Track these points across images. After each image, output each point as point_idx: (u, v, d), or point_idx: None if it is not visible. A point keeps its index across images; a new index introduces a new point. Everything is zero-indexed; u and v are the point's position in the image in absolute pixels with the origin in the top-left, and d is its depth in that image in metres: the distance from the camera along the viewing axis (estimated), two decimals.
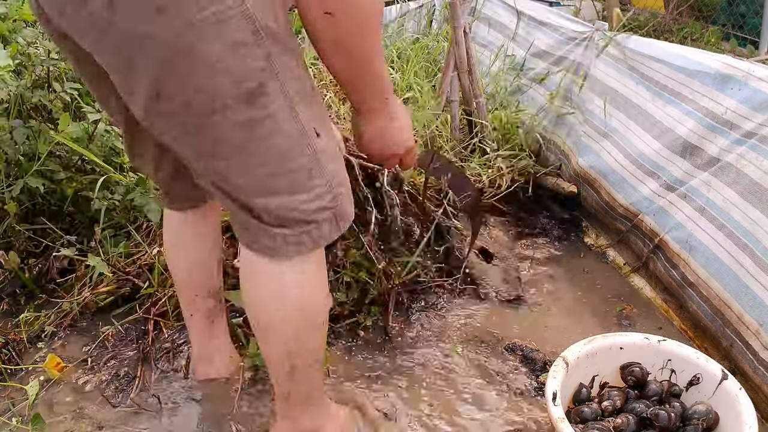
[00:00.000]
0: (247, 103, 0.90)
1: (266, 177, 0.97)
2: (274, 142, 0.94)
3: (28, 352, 1.67)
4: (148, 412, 1.50)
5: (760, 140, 1.64)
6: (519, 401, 1.57)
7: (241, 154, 0.94)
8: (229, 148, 0.94)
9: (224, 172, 0.97)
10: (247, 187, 0.98)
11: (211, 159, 0.96)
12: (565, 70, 2.55)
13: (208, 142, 0.93)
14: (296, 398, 1.23)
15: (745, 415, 1.32)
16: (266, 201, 0.98)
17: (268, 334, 1.14)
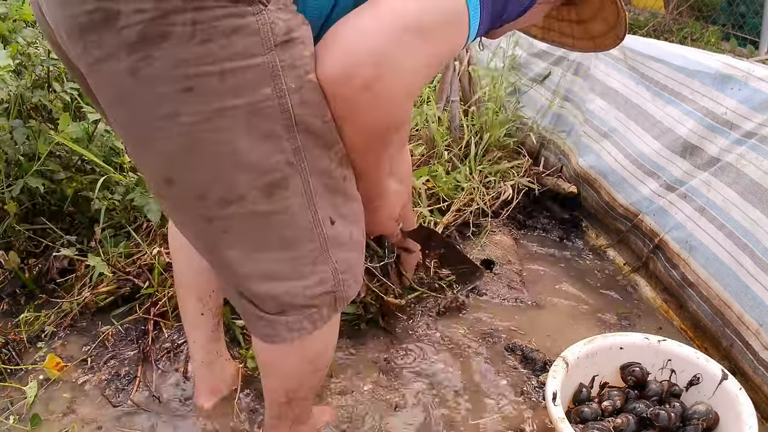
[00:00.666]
0: (267, 196, 0.86)
1: (272, 264, 0.93)
2: (284, 233, 0.91)
3: (27, 352, 1.67)
4: (148, 412, 1.50)
5: (760, 140, 1.64)
6: (519, 401, 1.57)
7: (250, 243, 0.90)
8: (239, 239, 0.90)
9: (229, 261, 0.92)
10: (251, 274, 0.94)
11: (216, 248, 0.92)
12: (565, 70, 2.55)
13: (217, 231, 0.89)
14: (286, 418, 1.25)
15: (745, 415, 1.32)
16: (269, 287, 0.95)
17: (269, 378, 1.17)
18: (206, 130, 0.79)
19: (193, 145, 0.80)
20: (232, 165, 0.82)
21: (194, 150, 0.81)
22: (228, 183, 0.83)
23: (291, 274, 0.94)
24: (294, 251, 0.93)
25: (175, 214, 0.92)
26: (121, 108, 0.82)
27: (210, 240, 0.91)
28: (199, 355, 1.47)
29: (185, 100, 0.77)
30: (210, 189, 0.84)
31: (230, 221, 0.87)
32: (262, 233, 0.90)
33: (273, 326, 0.99)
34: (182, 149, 0.81)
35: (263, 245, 0.91)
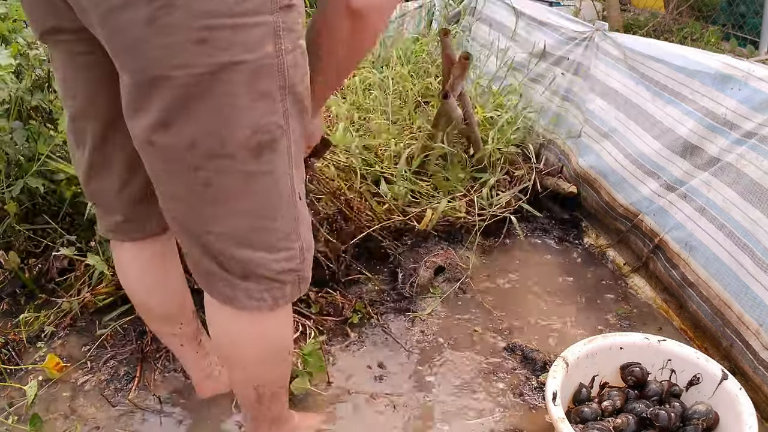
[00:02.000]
0: (255, 156, 0.88)
1: (248, 230, 0.94)
2: (266, 198, 0.93)
3: (27, 352, 1.67)
4: (147, 412, 1.50)
5: (760, 140, 1.64)
6: (519, 401, 1.57)
7: (230, 202, 0.92)
8: (220, 194, 0.91)
9: (205, 217, 0.93)
10: (224, 235, 0.94)
11: (196, 201, 0.92)
12: (564, 70, 2.55)
13: (198, 183, 0.89)
14: (263, 419, 1.24)
15: (745, 415, 1.32)
16: (240, 253, 0.95)
17: (232, 368, 1.16)
18: (212, 82, 0.82)
19: (197, 96, 0.82)
20: (228, 120, 0.84)
21: (196, 100, 0.83)
22: (221, 137, 0.85)
23: (263, 245, 0.96)
24: (270, 221, 0.94)
25: (161, 161, 0.90)
26: (131, 56, 0.82)
27: (192, 191, 0.91)
28: (194, 373, 1.50)
29: (198, 51, 0.79)
30: (202, 140, 0.85)
31: (215, 175, 0.88)
32: (244, 195, 0.91)
33: (233, 288, 0.99)
34: (185, 98, 0.83)
35: (243, 208, 0.92)
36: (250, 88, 0.84)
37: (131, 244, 1.22)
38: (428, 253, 2.03)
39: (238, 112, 0.84)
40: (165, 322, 1.35)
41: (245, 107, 0.85)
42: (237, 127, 0.85)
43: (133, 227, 1.20)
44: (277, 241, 0.97)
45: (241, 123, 0.85)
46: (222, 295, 1.01)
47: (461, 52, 1.98)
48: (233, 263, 0.97)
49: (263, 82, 0.85)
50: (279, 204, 0.95)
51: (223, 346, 1.12)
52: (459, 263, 2.04)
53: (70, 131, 1.10)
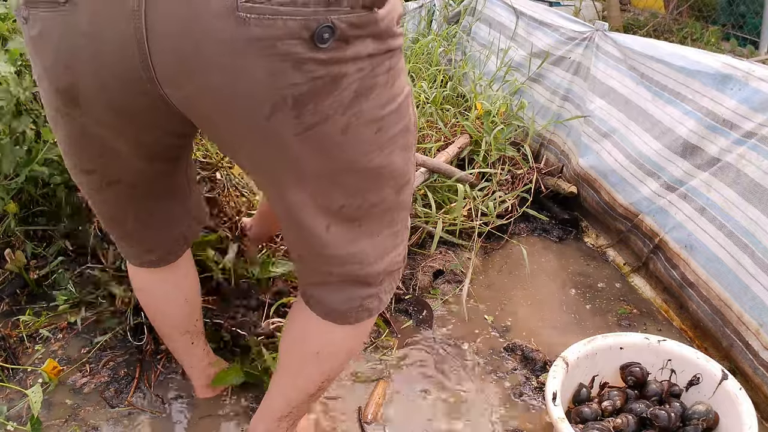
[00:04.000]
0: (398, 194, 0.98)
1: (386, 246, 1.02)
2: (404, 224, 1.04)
3: (26, 353, 1.66)
4: (147, 414, 1.50)
5: (760, 140, 1.64)
6: (519, 401, 1.57)
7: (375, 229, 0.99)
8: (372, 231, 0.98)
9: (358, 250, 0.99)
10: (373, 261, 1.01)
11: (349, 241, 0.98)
12: (565, 70, 2.55)
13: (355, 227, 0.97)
14: (291, 417, 1.23)
15: (745, 415, 1.31)
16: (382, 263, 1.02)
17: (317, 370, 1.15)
18: (382, 158, 0.90)
19: (371, 172, 0.91)
20: (388, 176, 0.93)
21: (370, 173, 0.91)
22: (381, 189, 0.94)
23: (394, 246, 1.04)
24: (397, 226, 1.03)
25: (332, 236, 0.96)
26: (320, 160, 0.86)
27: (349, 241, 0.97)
28: (196, 375, 1.50)
29: (376, 139, 0.87)
30: (368, 199, 0.94)
31: (369, 217, 0.97)
32: (384, 221, 1.00)
33: (379, 297, 1.06)
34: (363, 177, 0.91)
35: (382, 227, 1.00)
36: (402, 147, 0.93)
37: (159, 269, 1.24)
38: (426, 258, 2.03)
39: (394, 168, 0.93)
40: (181, 325, 1.38)
41: (399, 163, 0.94)
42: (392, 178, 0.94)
43: (170, 258, 1.24)
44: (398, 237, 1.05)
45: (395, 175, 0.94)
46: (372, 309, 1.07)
47: None
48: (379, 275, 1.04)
49: (407, 139, 0.94)
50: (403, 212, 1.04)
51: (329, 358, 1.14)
52: (458, 266, 2.04)
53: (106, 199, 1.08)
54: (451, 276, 2.02)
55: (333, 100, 0.79)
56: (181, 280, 1.31)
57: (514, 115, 2.56)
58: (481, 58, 2.99)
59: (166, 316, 1.36)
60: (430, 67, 2.83)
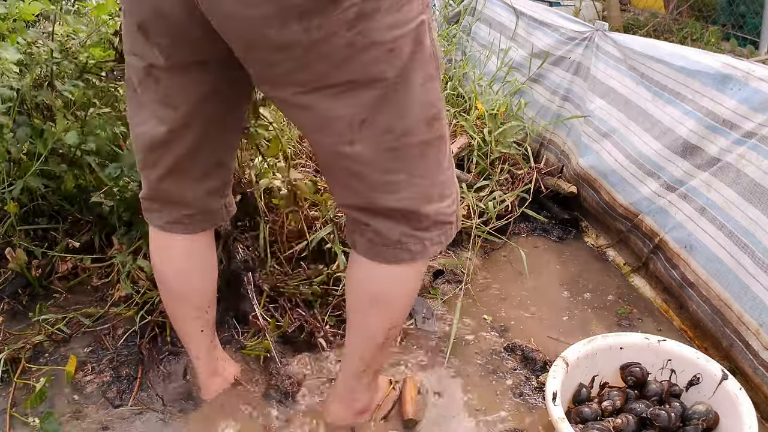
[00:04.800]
0: (428, 126, 1.06)
1: (428, 188, 1.11)
2: (437, 157, 1.11)
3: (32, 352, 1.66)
4: (150, 413, 1.50)
5: (760, 140, 1.64)
6: (519, 401, 1.58)
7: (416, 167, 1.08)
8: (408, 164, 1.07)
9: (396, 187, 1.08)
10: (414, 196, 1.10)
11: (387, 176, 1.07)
12: (565, 70, 2.55)
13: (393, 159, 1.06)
14: (369, 372, 1.35)
15: (745, 415, 1.32)
16: (427, 207, 1.12)
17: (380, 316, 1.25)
18: (401, 79, 0.98)
19: (390, 92, 0.99)
20: (410, 104, 1.02)
21: (390, 95, 0.99)
22: (407, 118, 1.03)
23: (441, 196, 1.13)
24: (443, 175, 1.13)
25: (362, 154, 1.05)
26: (334, 73, 0.96)
27: (382, 169, 1.07)
28: (202, 367, 1.50)
29: (388, 59, 0.96)
30: (395, 125, 1.02)
31: (404, 149, 1.05)
32: (425, 158, 1.09)
33: (423, 242, 1.15)
34: (381, 98, 0.99)
35: (425, 169, 1.09)
36: (422, 75, 1.01)
37: (184, 237, 1.30)
38: None
39: (415, 97, 1.02)
40: (195, 308, 1.40)
41: (420, 92, 1.02)
42: (416, 108, 1.03)
43: (201, 219, 1.30)
44: (446, 189, 1.14)
45: (419, 105, 1.03)
46: (414, 254, 1.15)
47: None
48: (423, 219, 1.12)
49: (428, 68, 1.02)
50: (444, 161, 1.13)
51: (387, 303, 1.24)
52: (458, 266, 2.04)
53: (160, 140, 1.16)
54: (451, 276, 2.02)
55: (336, 18, 0.90)
56: (202, 257, 1.36)
57: (513, 114, 2.56)
58: (481, 58, 2.99)
59: (182, 294, 1.38)
60: None
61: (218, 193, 1.30)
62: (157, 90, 1.11)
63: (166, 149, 1.17)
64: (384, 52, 0.95)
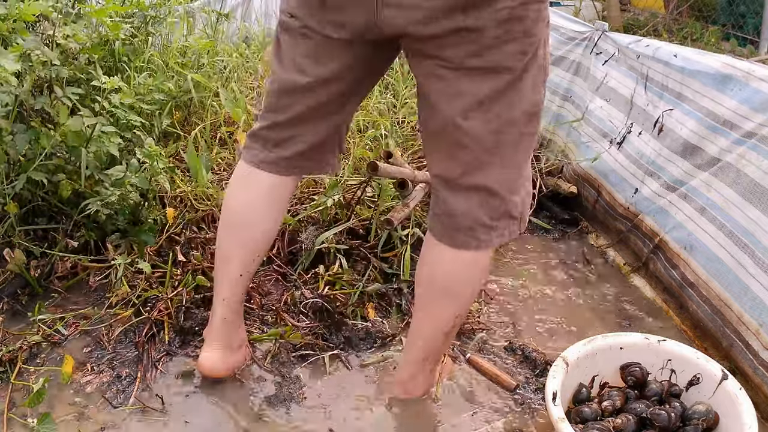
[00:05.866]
0: (528, 121, 1.21)
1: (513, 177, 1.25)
2: (526, 152, 1.26)
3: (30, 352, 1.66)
4: (149, 413, 1.50)
5: (760, 140, 1.64)
6: (519, 401, 1.57)
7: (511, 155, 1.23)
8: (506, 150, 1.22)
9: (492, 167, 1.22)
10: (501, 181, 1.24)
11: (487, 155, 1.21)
12: (565, 70, 2.55)
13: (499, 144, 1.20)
14: (432, 359, 1.46)
15: (745, 415, 1.32)
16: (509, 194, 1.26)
17: (447, 304, 1.36)
18: (520, 76, 1.16)
19: (510, 84, 1.16)
20: (521, 99, 1.18)
21: (509, 87, 1.16)
22: (515, 110, 1.18)
23: (518, 189, 1.27)
24: (523, 169, 1.27)
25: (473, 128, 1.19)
26: (478, 57, 1.13)
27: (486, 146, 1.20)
28: (222, 311, 1.49)
29: (520, 58, 1.14)
30: (505, 113, 1.18)
31: (506, 135, 1.20)
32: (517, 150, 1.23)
33: (491, 232, 1.27)
34: (505, 86, 1.16)
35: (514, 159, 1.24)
36: (534, 80, 1.18)
37: (276, 177, 1.40)
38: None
39: (527, 94, 1.18)
40: (245, 248, 1.45)
41: (531, 92, 1.19)
42: (526, 103, 1.19)
43: (300, 164, 1.41)
44: (521, 186, 1.28)
45: (528, 101, 1.19)
46: (480, 242, 1.27)
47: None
48: (500, 204, 1.25)
49: (538, 77, 1.20)
50: (530, 157, 1.29)
51: (454, 291, 1.35)
52: None
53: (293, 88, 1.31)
54: None
55: (489, 15, 1.09)
56: (278, 198, 1.44)
57: None
58: None
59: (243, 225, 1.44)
60: None
61: (325, 149, 1.42)
62: (308, 47, 1.26)
63: (301, 97, 1.31)
64: (518, 51, 1.13)
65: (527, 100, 1.19)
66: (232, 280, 1.47)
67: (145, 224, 1.92)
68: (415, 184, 2.01)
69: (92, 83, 1.92)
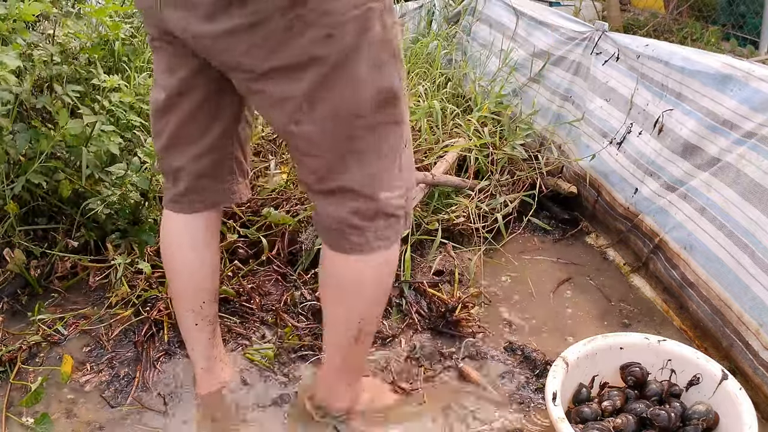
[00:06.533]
0: (379, 109, 1.08)
1: (376, 173, 1.13)
2: (390, 144, 1.13)
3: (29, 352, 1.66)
4: (148, 412, 1.50)
5: (760, 140, 1.64)
6: (519, 401, 1.57)
7: (368, 150, 1.11)
8: (360, 145, 1.10)
9: (346, 167, 1.11)
10: (361, 180, 1.12)
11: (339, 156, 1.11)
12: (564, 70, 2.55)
13: (342, 140, 1.09)
14: (348, 369, 1.36)
15: (745, 415, 1.32)
16: (376, 192, 1.13)
17: (345, 310, 1.27)
18: (343, 64, 1.02)
19: (334, 76, 1.02)
20: (357, 87, 1.04)
21: (334, 79, 1.03)
22: (354, 101, 1.05)
23: (388, 185, 1.14)
24: (392, 162, 1.14)
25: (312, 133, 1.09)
26: (275, 57, 1.01)
27: (333, 147, 1.10)
28: (198, 362, 1.50)
29: (328, 43, 0.99)
30: (341, 107, 1.05)
31: (354, 130, 1.08)
32: (375, 142, 1.11)
33: (363, 233, 1.15)
34: (323, 79, 1.02)
35: (375, 153, 1.11)
36: (370, 60, 1.03)
37: (185, 216, 1.35)
38: (424, 260, 2.03)
39: (365, 80, 1.04)
40: (191, 297, 1.41)
41: (370, 77, 1.04)
42: (367, 90, 1.05)
43: (195, 198, 1.33)
44: (394, 180, 1.15)
45: (370, 87, 1.05)
46: (352, 244, 1.17)
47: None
48: (368, 203, 1.13)
49: (379, 55, 1.05)
50: (397, 146, 1.14)
51: (346, 293, 1.25)
52: (458, 266, 2.04)
53: (160, 108, 1.24)
54: (451, 276, 2.01)
55: (269, 4, 0.96)
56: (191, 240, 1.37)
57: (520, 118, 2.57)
58: (482, 58, 2.99)
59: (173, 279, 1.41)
60: (431, 68, 2.82)
61: (216, 177, 1.33)
62: (160, 59, 1.20)
63: (166, 117, 1.24)
64: (322, 36, 0.99)
65: (368, 86, 1.05)
66: (190, 330, 1.45)
67: (145, 224, 1.92)
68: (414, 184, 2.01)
69: (92, 82, 1.93)
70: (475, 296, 1.92)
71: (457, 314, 1.79)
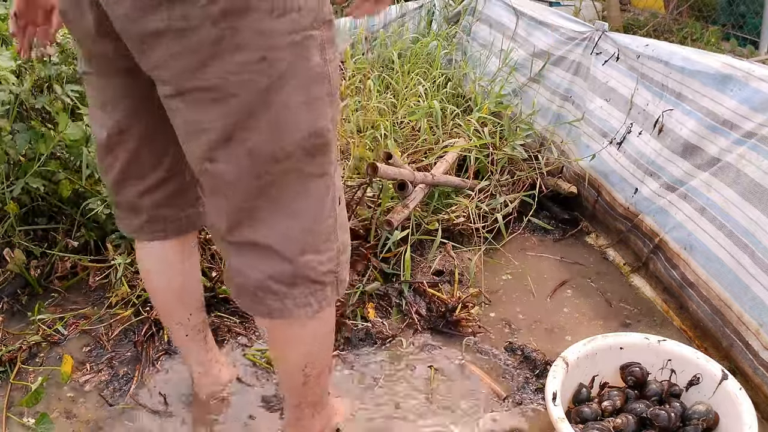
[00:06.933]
0: (311, 157, 0.95)
1: (300, 231, 0.99)
2: (316, 200, 1.00)
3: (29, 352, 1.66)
4: (147, 412, 1.50)
5: (760, 140, 1.64)
6: (519, 401, 1.57)
7: (286, 203, 0.97)
8: (278, 196, 0.96)
9: (262, 219, 0.98)
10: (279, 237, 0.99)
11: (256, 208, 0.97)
12: (564, 70, 2.55)
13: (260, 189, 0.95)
14: (307, 404, 1.26)
15: (745, 415, 1.32)
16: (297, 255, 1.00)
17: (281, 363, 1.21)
18: (273, 94, 0.89)
19: (260, 107, 0.89)
20: (286, 125, 0.91)
21: (260, 111, 0.90)
22: (279, 142, 0.92)
23: (312, 247, 1.01)
24: (318, 223, 1.00)
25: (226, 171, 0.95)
26: (201, 74, 0.88)
27: (249, 194, 0.96)
28: (195, 368, 1.50)
29: (260, 68, 0.87)
30: (264, 146, 0.92)
31: (274, 177, 0.94)
32: (299, 196, 0.97)
33: (282, 300, 1.03)
34: (249, 110, 0.89)
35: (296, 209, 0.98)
36: (306, 94, 0.92)
37: (155, 243, 1.28)
38: (424, 260, 2.03)
39: (294, 117, 0.91)
40: (177, 313, 1.39)
41: (301, 113, 0.92)
42: (294, 131, 0.92)
43: (157, 227, 1.25)
44: (321, 243, 1.02)
45: (299, 126, 0.92)
46: (271, 310, 1.05)
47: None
48: (285, 266, 1.00)
49: (315, 89, 0.93)
50: (325, 205, 1.01)
51: (276, 350, 1.20)
52: (457, 266, 2.04)
53: (104, 145, 1.15)
54: (451, 276, 2.01)
55: (200, 11, 0.83)
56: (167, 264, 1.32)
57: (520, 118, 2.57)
58: (482, 58, 2.99)
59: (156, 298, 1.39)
60: (431, 68, 2.82)
61: (178, 205, 1.24)
62: (95, 94, 1.11)
63: (113, 153, 1.15)
64: (255, 59, 0.87)
65: (297, 125, 0.92)
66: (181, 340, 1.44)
67: None
68: (414, 185, 2.01)
69: None
70: (474, 296, 1.92)
71: (457, 314, 1.80)
